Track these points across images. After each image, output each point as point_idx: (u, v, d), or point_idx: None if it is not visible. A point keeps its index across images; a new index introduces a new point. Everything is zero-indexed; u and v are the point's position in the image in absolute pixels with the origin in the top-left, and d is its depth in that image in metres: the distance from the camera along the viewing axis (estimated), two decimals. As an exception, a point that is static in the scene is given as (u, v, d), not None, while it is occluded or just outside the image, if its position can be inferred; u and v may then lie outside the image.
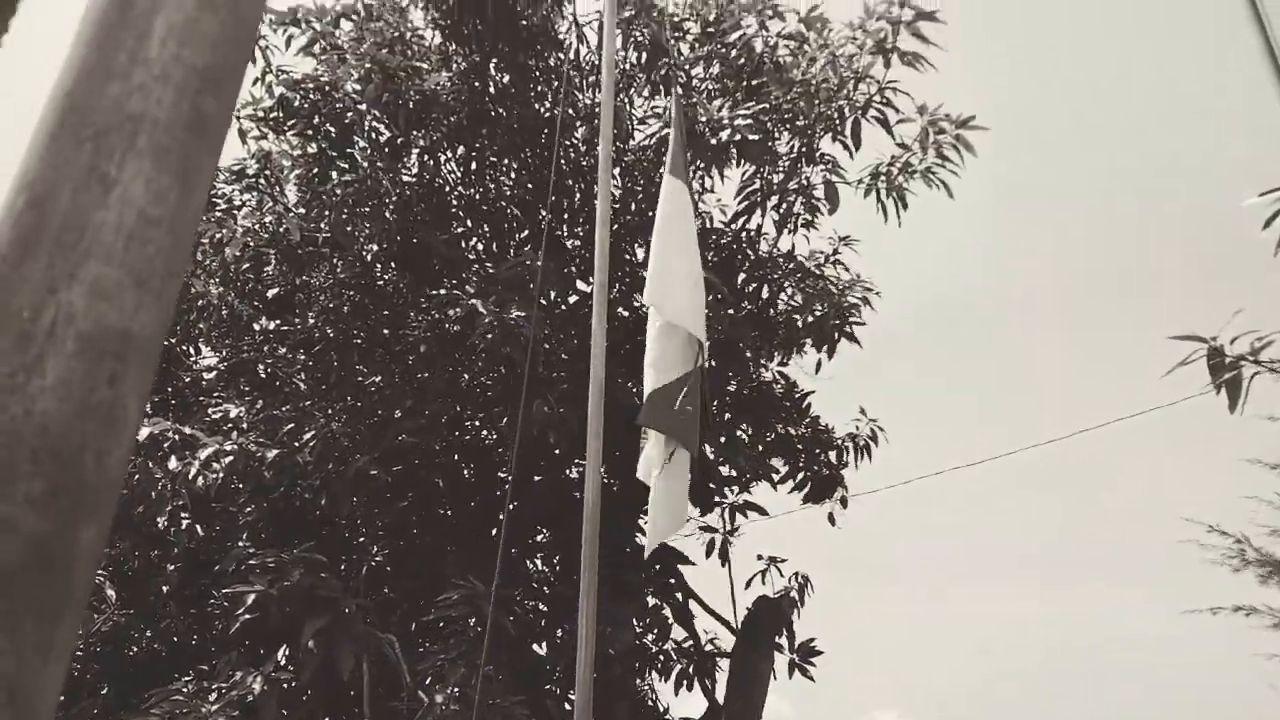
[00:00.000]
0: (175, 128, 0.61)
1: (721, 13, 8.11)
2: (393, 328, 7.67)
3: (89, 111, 0.58)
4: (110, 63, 0.61)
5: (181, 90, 0.62)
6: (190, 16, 0.64)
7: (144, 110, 0.60)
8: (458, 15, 7.65)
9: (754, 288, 8.24)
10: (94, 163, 0.57)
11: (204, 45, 0.65)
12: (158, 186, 0.59)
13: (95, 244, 0.55)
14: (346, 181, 6.80)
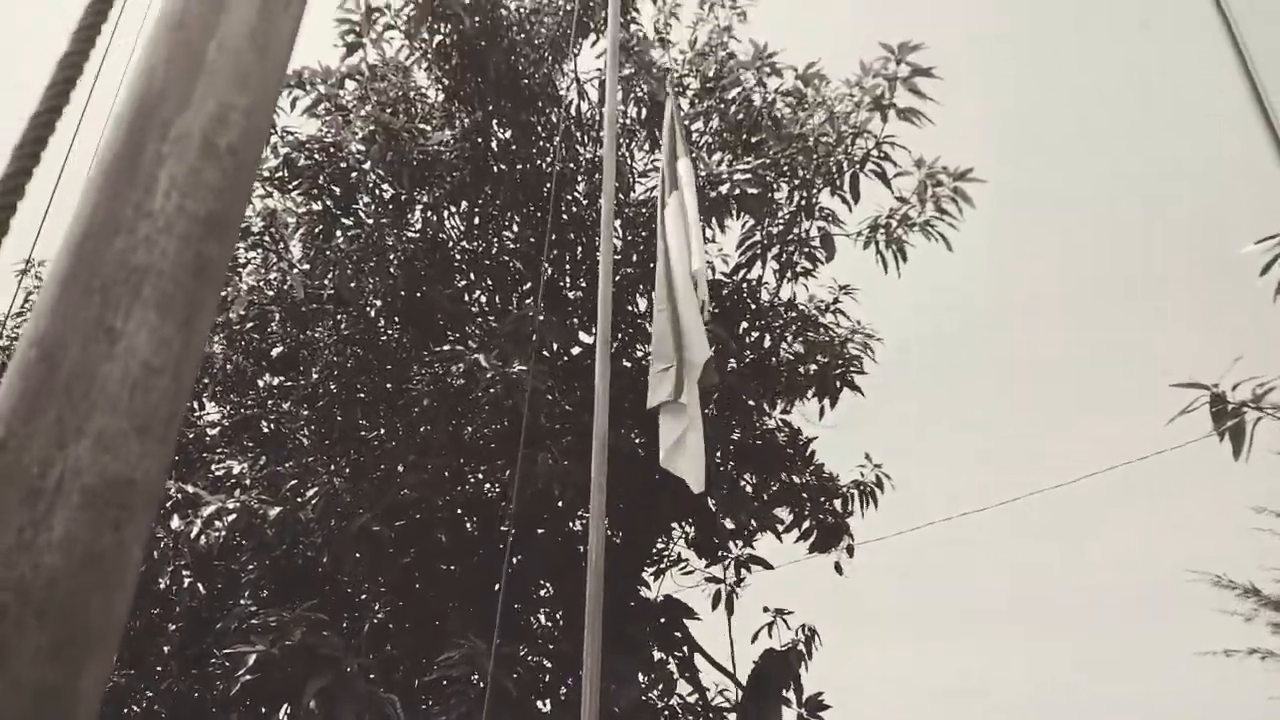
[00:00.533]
0: (179, 276, 0.64)
1: (721, 69, 8.27)
2: (396, 382, 7.71)
3: (97, 265, 0.62)
4: (117, 216, 0.64)
5: (185, 240, 0.65)
6: (193, 167, 0.68)
7: (149, 262, 0.63)
8: (460, 75, 7.81)
9: (755, 337, 8.29)
10: (101, 315, 0.60)
11: (207, 194, 0.68)
12: (161, 335, 0.62)
13: (102, 396, 0.58)
14: (351, 238, 6.88)
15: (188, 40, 0.74)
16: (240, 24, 0.78)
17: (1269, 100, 5.33)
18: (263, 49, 0.79)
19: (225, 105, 0.73)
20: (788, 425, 8.94)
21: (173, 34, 0.75)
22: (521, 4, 8.22)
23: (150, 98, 0.71)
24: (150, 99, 0.71)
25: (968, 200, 6.60)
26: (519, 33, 8.01)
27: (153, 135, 0.69)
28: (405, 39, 8.08)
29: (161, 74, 0.72)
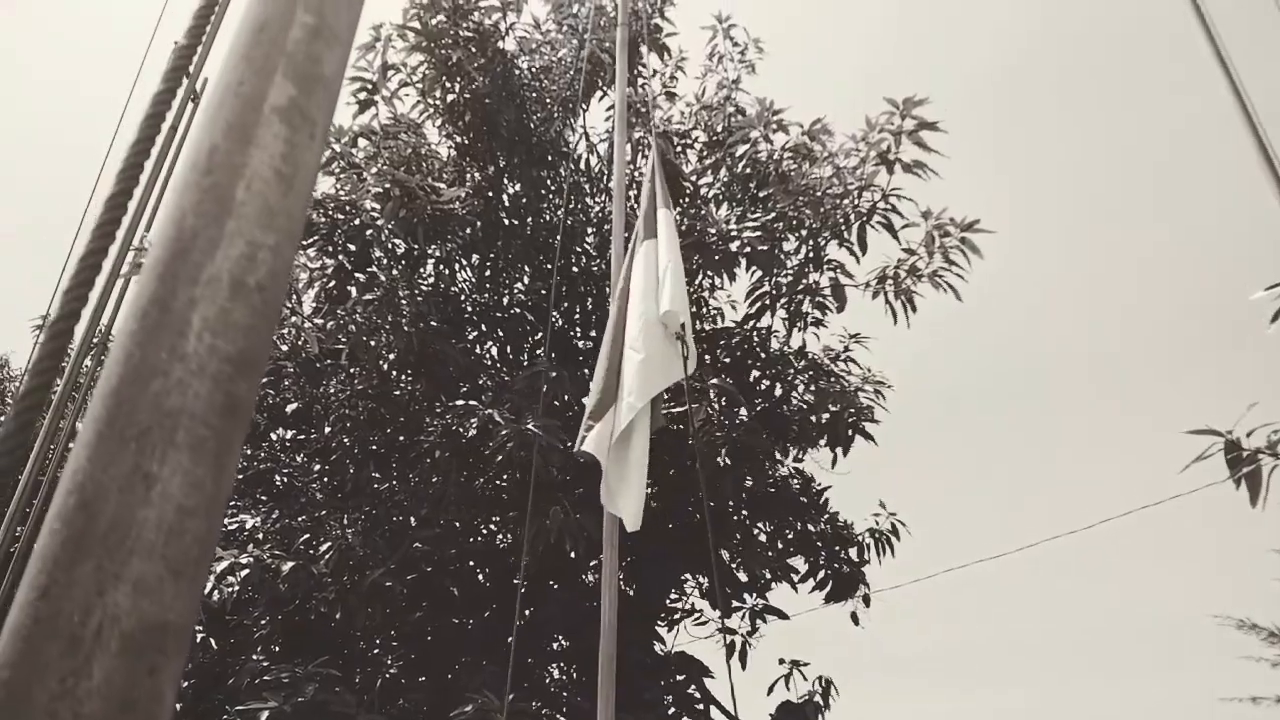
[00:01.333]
0: (210, 418, 0.67)
1: (727, 124, 8.40)
2: (408, 434, 7.74)
3: (133, 410, 0.65)
4: (152, 361, 0.67)
5: (216, 380, 0.69)
6: (224, 308, 0.72)
7: (182, 405, 0.66)
8: (472, 132, 7.95)
9: (766, 386, 8.31)
10: (138, 462, 0.64)
11: (236, 333, 0.72)
12: (194, 478, 0.65)
13: (139, 542, 0.61)
14: (366, 296, 6.96)
15: (216, 184, 0.78)
16: (267, 160, 0.82)
17: (1273, 149, 5.37)
18: (289, 182, 0.83)
19: (253, 244, 0.77)
20: (800, 473, 8.92)
21: (202, 178, 0.79)
22: (532, 63, 8.40)
23: (182, 242, 0.75)
24: (182, 243, 0.75)
25: (975, 251, 6.64)
26: (530, 91, 8.17)
27: (185, 279, 0.73)
28: (420, 96, 8.25)
29: (192, 219, 0.76)
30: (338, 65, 0.93)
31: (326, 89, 0.91)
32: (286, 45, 0.89)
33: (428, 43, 7.78)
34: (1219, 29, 5.82)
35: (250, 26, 0.90)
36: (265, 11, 0.91)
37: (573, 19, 8.60)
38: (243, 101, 0.84)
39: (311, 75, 0.89)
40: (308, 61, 0.89)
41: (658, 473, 7.70)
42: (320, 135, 0.90)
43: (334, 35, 0.93)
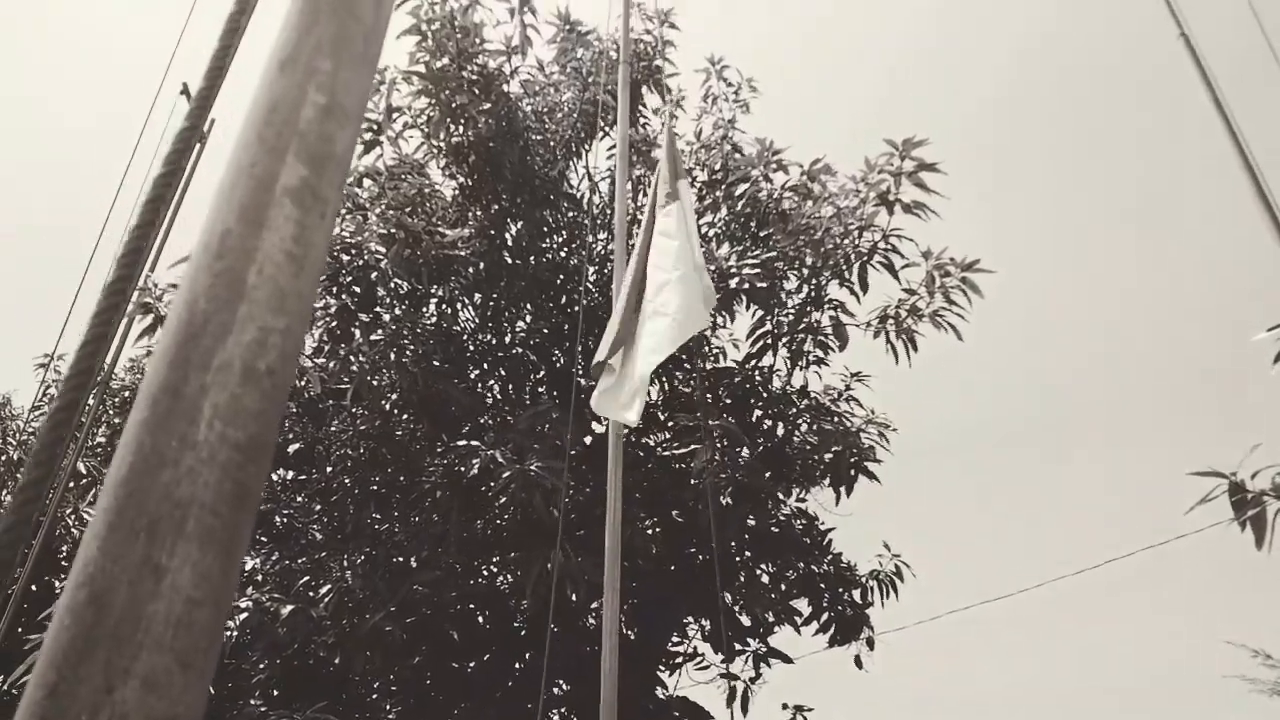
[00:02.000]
0: (219, 507, 0.68)
1: (727, 162, 8.47)
2: (409, 475, 7.72)
3: (144, 501, 0.65)
4: (162, 450, 0.68)
5: (226, 468, 0.69)
6: (234, 394, 0.72)
7: (192, 494, 0.66)
8: (476, 173, 8.02)
9: (769, 425, 8.29)
10: (147, 554, 0.64)
11: (247, 420, 0.72)
12: (203, 568, 0.65)
13: (148, 636, 0.61)
14: (370, 338, 6.98)
15: (228, 268, 0.79)
16: (279, 243, 0.83)
17: (1269, 190, 5.39)
18: (300, 264, 0.84)
19: (265, 329, 0.78)
20: (804, 513, 8.87)
21: (214, 262, 0.80)
22: (536, 105, 8.50)
23: (193, 328, 0.76)
24: (193, 329, 0.76)
25: (976, 290, 6.67)
26: (534, 132, 8.25)
27: (196, 366, 0.73)
28: (424, 138, 8.34)
29: (204, 303, 0.77)
30: (348, 143, 0.95)
31: (338, 166, 0.92)
32: (299, 125, 0.90)
33: (433, 86, 7.88)
34: (1215, 72, 5.87)
35: (263, 106, 0.91)
36: (277, 91, 0.92)
37: (575, 61, 8.71)
38: (255, 183, 0.85)
39: (323, 154, 0.90)
40: (319, 141, 0.91)
41: (661, 513, 7.67)
42: (331, 213, 0.91)
43: (345, 114, 0.95)
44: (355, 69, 0.98)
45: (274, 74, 0.93)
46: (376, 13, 1.03)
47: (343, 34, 0.98)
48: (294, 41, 0.95)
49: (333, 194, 0.90)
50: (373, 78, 1.04)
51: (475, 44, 8.03)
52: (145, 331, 8.23)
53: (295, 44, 0.95)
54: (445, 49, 7.85)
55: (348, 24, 0.99)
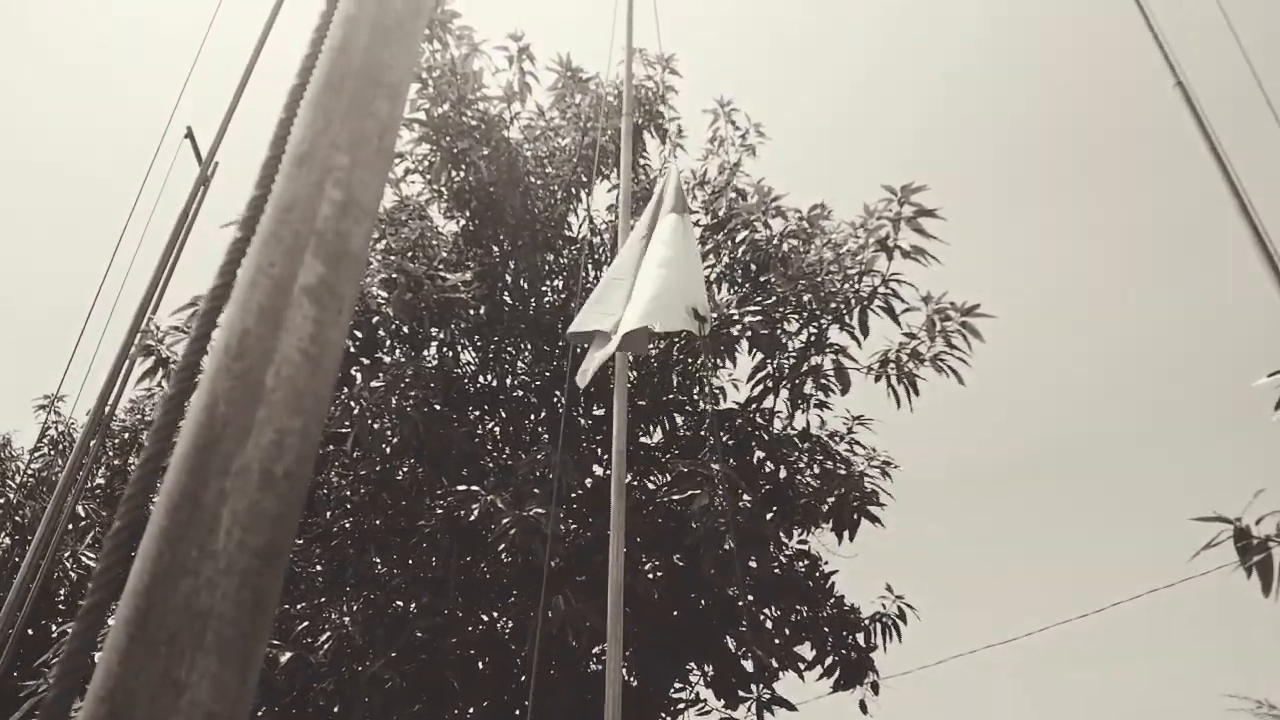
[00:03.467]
0: (237, 617, 0.68)
1: (729, 207, 8.54)
2: (409, 519, 7.69)
3: (164, 613, 0.66)
4: (182, 559, 0.68)
5: (244, 576, 0.70)
6: (253, 500, 0.73)
7: (211, 605, 0.67)
8: (478, 219, 8.09)
9: (771, 469, 8.27)
10: (167, 668, 0.64)
11: (265, 525, 0.73)
12: (221, 681, 0.65)
13: (166, 755, 0.61)
14: (371, 383, 6.99)
15: (247, 370, 0.81)
16: (296, 343, 0.84)
17: (1268, 236, 5.45)
18: (316, 363, 0.85)
19: (282, 431, 0.79)
20: (807, 556, 8.82)
21: (233, 364, 0.81)
22: (536, 150, 8.59)
23: (213, 432, 0.77)
24: (213, 434, 0.77)
25: (977, 335, 6.69)
26: (535, 177, 8.33)
27: (215, 472, 0.75)
28: (426, 183, 8.42)
29: (223, 407, 0.78)
30: (364, 238, 0.97)
31: (354, 262, 0.94)
32: (316, 223, 0.92)
33: (434, 133, 7.97)
34: (1211, 119, 5.96)
35: (280, 205, 0.93)
36: (295, 189, 0.94)
37: (575, 107, 8.82)
38: (273, 283, 0.87)
39: (339, 251, 0.92)
40: (336, 238, 0.93)
41: (662, 557, 7.62)
42: (347, 309, 0.92)
43: (362, 209, 0.97)
44: (371, 164, 1.00)
45: (291, 170, 0.96)
46: (391, 107, 1.06)
47: (359, 130, 1.00)
48: (310, 138, 0.98)
49: (349, 290, 0.92)
50: (388, 170, 1.06)
51: (475, 90, 8.14)
52: (146, 374, 8.24)
53: (312, 141, 0.97)
54: (446, 96, 7.95)
55: (364, 120, 1.01)
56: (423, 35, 1.19)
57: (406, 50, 1.12)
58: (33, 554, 5.77)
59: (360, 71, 1.04)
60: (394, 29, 1.11)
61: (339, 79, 1.03)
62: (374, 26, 1.09)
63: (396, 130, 1.08)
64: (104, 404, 6.39)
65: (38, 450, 11.29)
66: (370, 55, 1.07)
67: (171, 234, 6.66)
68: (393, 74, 1.08)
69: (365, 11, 1.10)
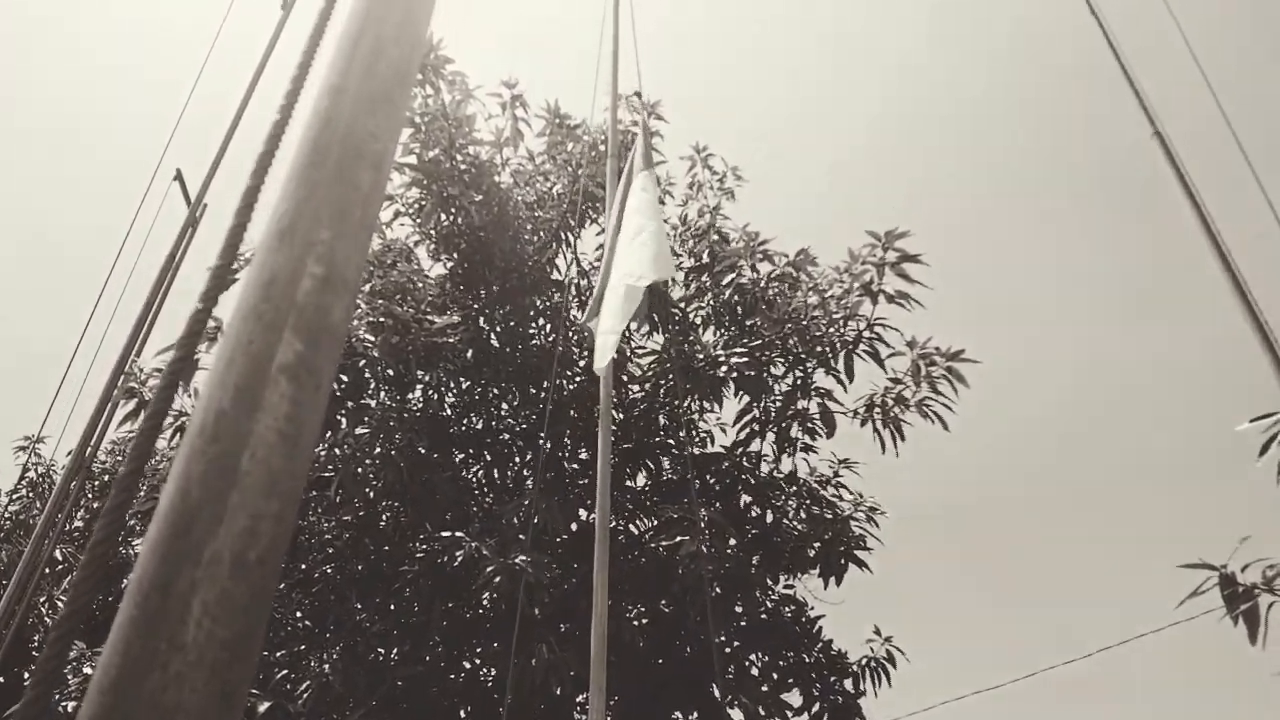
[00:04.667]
0: (206, 712, 0.66)
1: (714, 250, 8.60)
2: (392, 564, 7.60)
3: (130, 709, 0.64)
4: (151, 653, 0.67)
5: (214, 669, 0.68)
6: (225, 589, 0.71)
7: (179, 701, 0.65)
8: (467, 262, 8.10)
9: (757, 512, 8.24)
10: (131, 771, 0.62)
11: (235, 614, 0.71)
12: (187, 783, 0.64)
13: None
14: (356, 428, 6.95)
15: (222, 453, 0.79)
16: (273, 424, 0.83)
17: (1248, 290, 5.51)
18: (293, 444, 0.84)
19: (256, 516, 0.78)
20: (793, 600, 8.75)
21: (208, 446, 0.80)
22: (526, 195, 8.64)
23: (185, 518, 0.76)
24: (185, 519, 0.75)
25: (961, 380, 6.72)
26: (524, 222, 8.37)
27: (186, 560, 0.73)
28: (415, 227, 8.45)
29: (196, 492, 0.77)
30: (345, 312, 0.96)
31: (334, 337, 0.93)
32: (296, 298, 0.91)
33: (425, 178, 8.01)
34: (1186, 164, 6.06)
35: (260, 279, 0.92)
36: (276, 263, 0.94)
37: (565, 153, 8.89)
38: (251, 360, 0.86)
39: (319, 326, 0.91)
40: (316, 313, 0.92)
41: (648, 603, 7.55)
42: (325, 386, 0.91)
43: (343, 283, 0.96)
44: (353, 237, 0.99)
45: (273, 244, 0.95)
46: (375, 178, 1.06)
47: (341, 203, 1.00)
48: (292, 212, 0.97)
49: (328, 366, 0.91)
50: (370, 242, 1.06)
51: (467, 135, 8.20)
52: (129, 416, 8.17)
53: (294, 214, 0.97)
54: (438, 141, 8.00)
55: (346, 193, 1.01)
56: (409, 102, 1.19)
57: (392, 120, 1.12)
58: (7, 600, 5.66)
59: (344, 143, 1.04)
60: (379, 99, 1.12)
61: (323, 151, 1.03)
62: (359, 97, 1.09)
63: (380, 201, 1.08)
64: (85, 446, 6.32)
65: (15, 492, 11.13)
66: (355, 126, 1.07)
67: (158, 276, 6.64)
68: (377, 144, 1.08)
69: (351, 83, 1.11)
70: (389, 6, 1.20)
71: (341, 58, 1.13)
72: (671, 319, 8.02)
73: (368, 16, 1.19)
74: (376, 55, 1.14)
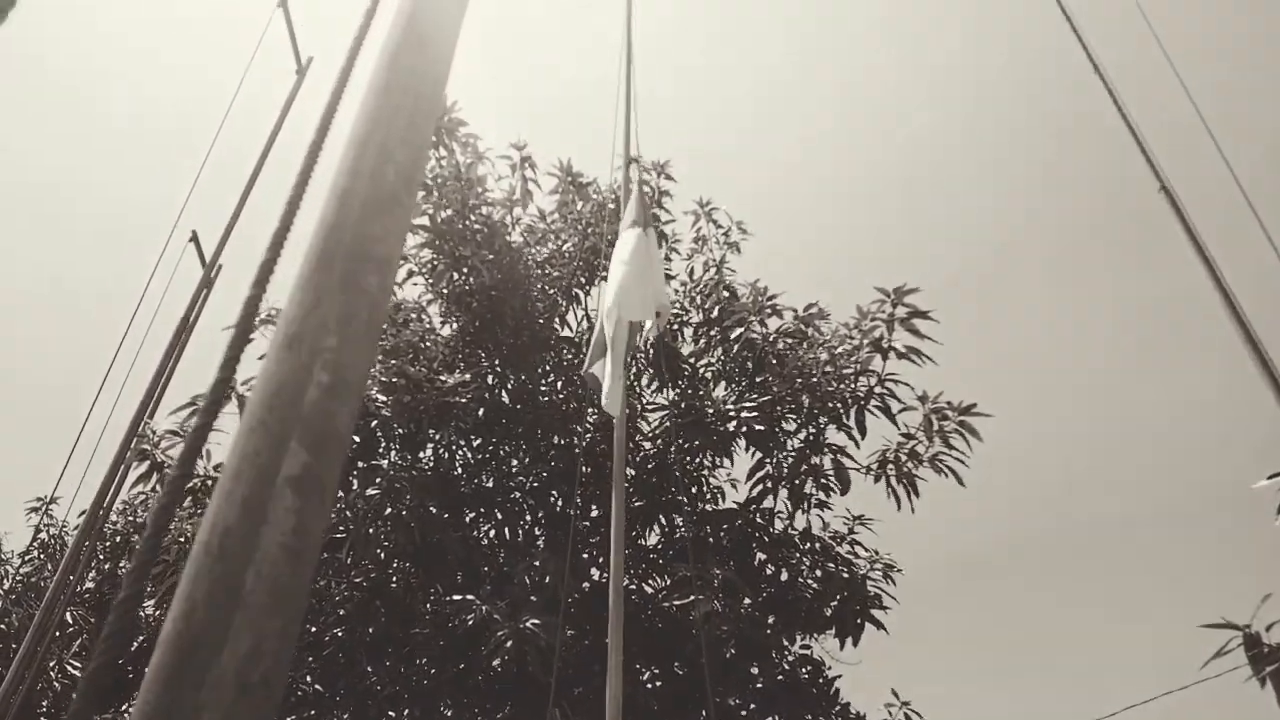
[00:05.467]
0: None
1: (723, 306, 8.63)
2: (404, 626, 7.53)
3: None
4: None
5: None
6: (227, 713, 0.71)
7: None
8: (479, 321, 8.16)
9: (772, 570, 8.14)
10: None
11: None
12: None
13: None
14: (368, 487, 6.94)
15: (227, 572, 0.80)
16: (278, 538, 0.84)
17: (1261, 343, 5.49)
18: (297, 557, 0.84)
19: (259, 635, 0.78)
20: (810, 661, 8.60)
21: (214, 565, 0.80)
22: (537, 254, 8.73)
23: (189, 642, 0.76)
24: (189, 643, 0.75)
25: (975, 434, 6.67)
26: (535, 280, 8.44)
27: (190, 685, 0.73)
28: (428, 286, 8.54)
29: (201, 613, 0.77)
30: (349, 417, 0.97)
31: (339, 444, 0.94)
32: (303, 408, 0.92)
33: (437, 239, 8.11)
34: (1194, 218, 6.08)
35: (268, 390, 0.93)
36: (283, 372, 0.95)
37: (575, 212, 9.00)
38: (258, 473, 0.87)
39: (325, 434, 0.92)
40: (322, 421, 0.92)
41: (662, 664, 7.44)
42: (330, 496, 0.92)
43: (349, 389, 0.97)
44: (360, 342, 1.00)
45: (281, 353, 0.96)
46: (381, 280, 1.07)
47: (348, 310, 1.01)
48: (300, 319, 0.99)
49: (332, 475, 0.92)
50: (377, 345, 1.07)
51: (479, 196, 8.32)
52: (140, 478, 8.20)
53: (301, 321, 0.98)
54: (451, 202, 8.12)
55: (353, 299, 1.02)
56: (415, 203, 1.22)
57: (399, 222, 1.14)
58: (18, 665, 5.62)
59: (351, 247, 1.06)
60: (387, 201, 1.14)
61: (330, 256, 1.04)
62: (366, 202, 1.11)
63: (386, 303, 1.09)
64: (98, 509, 6.33)
65: (27, 554, 11.11)
66: (362, 229, 1.09)
67: (173, 337, 6.72)
68: (384, 247, 1.10)
69: (359, 185, 1.13)
70: (396, 110, 1.23)
71: (349, 162, 1.15)
72: (681, 374, 8.03)
73: (376, 120, 1.21)
74: (384, 159, 1.16)
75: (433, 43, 1.38)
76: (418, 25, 1.38)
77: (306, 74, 7.90)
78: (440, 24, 1.41)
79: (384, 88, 1.27)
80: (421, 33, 1.38)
